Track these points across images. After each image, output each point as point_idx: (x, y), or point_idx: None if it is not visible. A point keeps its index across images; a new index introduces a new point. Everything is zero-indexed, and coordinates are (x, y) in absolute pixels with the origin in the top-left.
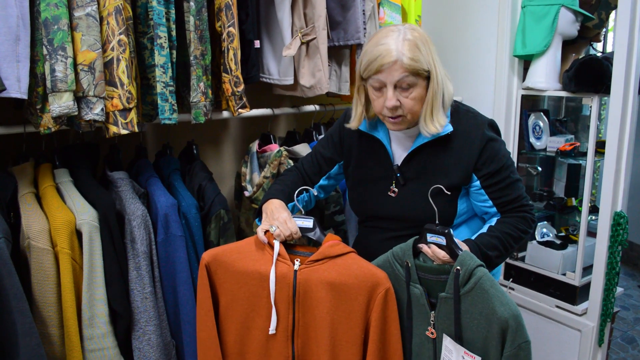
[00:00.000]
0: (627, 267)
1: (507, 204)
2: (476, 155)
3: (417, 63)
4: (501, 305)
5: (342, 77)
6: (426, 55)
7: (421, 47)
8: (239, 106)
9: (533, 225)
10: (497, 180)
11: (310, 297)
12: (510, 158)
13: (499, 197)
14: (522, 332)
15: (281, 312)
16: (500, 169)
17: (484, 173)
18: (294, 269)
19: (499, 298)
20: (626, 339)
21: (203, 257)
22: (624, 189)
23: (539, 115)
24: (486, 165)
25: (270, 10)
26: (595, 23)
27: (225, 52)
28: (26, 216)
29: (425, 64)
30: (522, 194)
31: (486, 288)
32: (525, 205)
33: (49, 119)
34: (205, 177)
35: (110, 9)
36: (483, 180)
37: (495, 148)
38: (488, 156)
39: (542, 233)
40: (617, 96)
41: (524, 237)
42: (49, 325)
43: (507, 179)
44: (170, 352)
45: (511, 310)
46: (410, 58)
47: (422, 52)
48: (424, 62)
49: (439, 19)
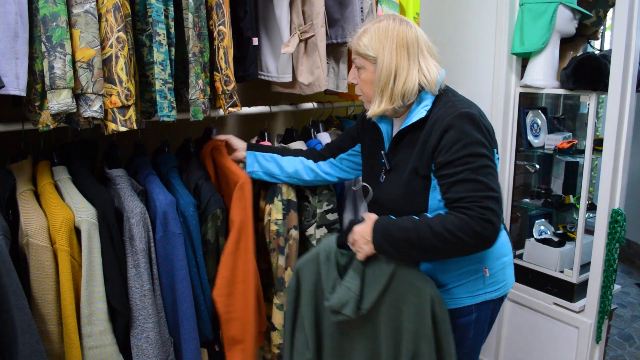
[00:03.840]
0: (624, 264)
1: (451, 201)
2: (435, 142)
3: (362, 47)
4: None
5: (340, 74)
6: (375, 43)
7: (374, 35)
8: (229, 105)
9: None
10: (448, 173)
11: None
12: (478, 156)
13: (445, 191)
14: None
15: None
16: (453, 161)
17: (437, 161)
18: None
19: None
20: (623, 337)
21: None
22: (622, 187)
23: (536, 113)
24: (441, 154)
25: (269, 8)
26: (593, 21)
27: (216, 50)
28: (25, 213)
29: (371, 51)
30: (473, 197)
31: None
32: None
33: (48, 116)
34: (202, 176)
35: (108, 6)
36: (435, 170)
37: (453, 138)
38: (444, 145)
39: (540, 230)
40: (615, 94)
41: (448, 239)
42: (47, 323)
43: (459, 174)
44: (169, 349)
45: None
46: (357, 42)
47: (373, 39)
48: (370, 48)
49: (437, 16)
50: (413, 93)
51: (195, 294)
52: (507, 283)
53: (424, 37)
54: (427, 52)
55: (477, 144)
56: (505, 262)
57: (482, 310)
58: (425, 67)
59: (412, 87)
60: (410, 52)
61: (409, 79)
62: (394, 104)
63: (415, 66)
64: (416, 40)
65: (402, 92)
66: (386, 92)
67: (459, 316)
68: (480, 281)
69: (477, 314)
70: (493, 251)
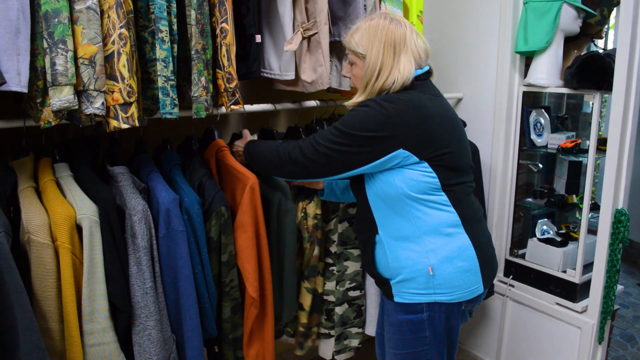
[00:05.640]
0: (626, 264)
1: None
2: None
3: (353, 45)
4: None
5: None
6: (365, 41)
7: (364, 33)
8: (232, 102)
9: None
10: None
11: None
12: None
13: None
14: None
15: None
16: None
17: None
18: None
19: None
20: (625, 337)
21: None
22: (625, 187)
23: (540, 112)
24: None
25: (272, 5)
26: (598, 20)
27: (219, 48)
28: (26, 210)
29: (361, 48)
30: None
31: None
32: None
33: (49, 113)
34: (205, 173)
35: (111, 2)
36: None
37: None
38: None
39: (543, 230)
40: (619, 93)
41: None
42: (49, 320)
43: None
44: (171, 347)
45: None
46: (349, 39)
47: (363, 37)
48: (360, 46)
49: (441, 14)
50: (390, 90)
51: (200, 292)
52: (468, 291)
53: (414, 37)
54: (410, 50)
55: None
56: (460, 267)
57: (435, 311)
58: (403, 65)
59: (390, 84)
60: (396, 51)
61: (390, 77)
62: (367, 97)
63: (398, 65)
64: (404, 39)
65: (380, 88)
66: (369, 87)
67: (409, 312)
68: (425, 279)
69: (429, 313)
70: (440, 252)
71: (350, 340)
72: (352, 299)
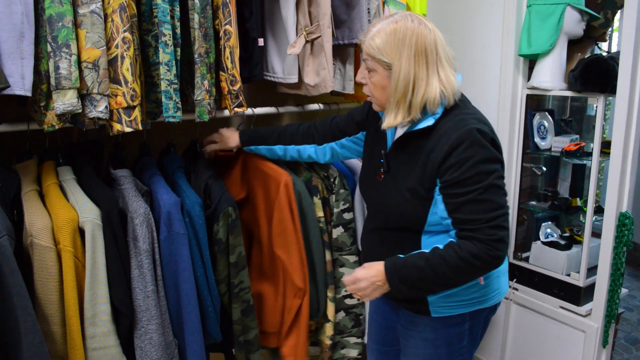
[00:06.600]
0: (631, 268)
1: (460, 222)
2: (442, 158)
3: (375, 50)
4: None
5: (346, 75)
6: (391, 48)
7: (389, 38)
8: (235, 105)
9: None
10: (456, 193)
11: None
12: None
13: (453, 210)
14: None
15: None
16: (462, 180)
17: (444, 179)
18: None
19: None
20: (630, 340)
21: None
22: (629, 190)
23: (543, 115)
24: (449, 172)
25: (275, 8)
26: (601, 22)
27: (222, 50)
28: (29, 214)
29: (385, 56)
30: (483, 219)
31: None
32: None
33: (53, 117)
34: (211, 175)
35: (114, 6)
36: (442, 187)
37: (462, 156)
38: (453, 163)
39: (547, 233)
40: (623, 96)
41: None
42: (51, 323)
43: (468, 194)
44: (173, 351)
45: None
46: (370, 44)
47: (388, 43)
48: (384, 53)
49: (444, 17)
50: (436, 104)
51: (202, 295)
52: (501, 291)
53: (443, 40)
54: (445, 59)
55: (487, 162)
56: (500, 271)
57: (476, 319)
58: (445, 78)
59: (434, 98)
60: (429, 61)
61: (428, 89)
62: (412, 115)
63: (435, 76)
64: (435, 46)
65: (423, 103)
66: (403, 103)
67: (449, 325)
68: (474, 289)
69: (470, 322)
70: None
71: (348, 350)
72: (349, 307)
